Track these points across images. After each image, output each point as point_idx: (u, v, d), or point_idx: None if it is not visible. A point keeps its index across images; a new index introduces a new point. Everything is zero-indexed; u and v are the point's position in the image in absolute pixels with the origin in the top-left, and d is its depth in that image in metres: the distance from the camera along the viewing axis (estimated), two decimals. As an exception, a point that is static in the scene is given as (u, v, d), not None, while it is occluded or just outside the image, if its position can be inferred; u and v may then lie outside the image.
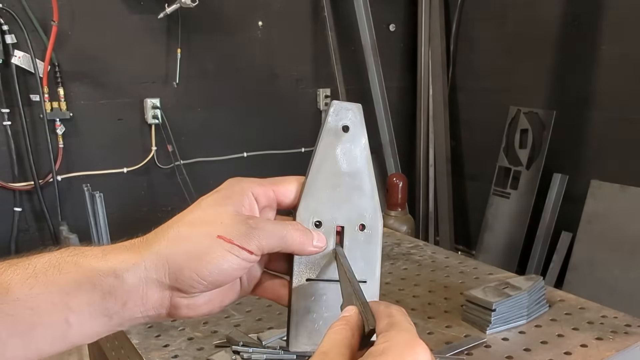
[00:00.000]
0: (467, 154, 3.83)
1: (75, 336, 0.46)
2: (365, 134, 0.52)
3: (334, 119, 0.52)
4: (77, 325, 0.45)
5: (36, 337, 0.44)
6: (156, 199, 3.06)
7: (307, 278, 0.51)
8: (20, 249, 2.71)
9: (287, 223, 0.50)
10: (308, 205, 0.52)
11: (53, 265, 0.46)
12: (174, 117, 3.00)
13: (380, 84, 3.51)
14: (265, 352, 1.01)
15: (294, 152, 3.46)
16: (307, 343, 0.51)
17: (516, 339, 1.10)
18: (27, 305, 0.44)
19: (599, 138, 3.02)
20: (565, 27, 3.10)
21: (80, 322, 0.45)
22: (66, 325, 0.45)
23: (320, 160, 0.52)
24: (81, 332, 0.46)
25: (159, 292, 0.47)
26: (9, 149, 2.62)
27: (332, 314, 0.51)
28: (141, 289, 0.46)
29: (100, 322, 0.46)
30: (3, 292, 0.44)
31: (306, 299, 0.51)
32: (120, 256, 0.47)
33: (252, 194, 0.50)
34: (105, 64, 2.81)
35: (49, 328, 0.45)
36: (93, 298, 0.45)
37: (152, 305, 0.47)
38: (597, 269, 2.85)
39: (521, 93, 3.37)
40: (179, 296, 0.48)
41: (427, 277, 1.45)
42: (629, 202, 2.79)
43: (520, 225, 3.29)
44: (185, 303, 0.48)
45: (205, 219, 0.48)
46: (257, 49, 3.24)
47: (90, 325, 0.46)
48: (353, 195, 0.52)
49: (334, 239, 0.52)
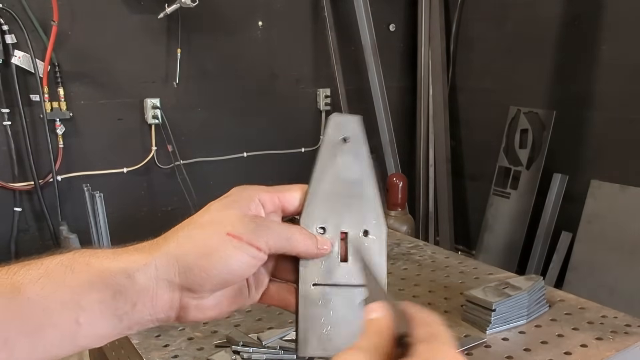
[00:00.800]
0: (467, 154, 3.83)
1: (84, 338, 0.46)
2: (365, 143, 0.53)
3: (333, 132, 0.53)
4: (86, 326, 0.45)
5: (45, 338, 0.44)
6: (156, 199, 3.06)
7: (314, 283, 0.52)
8: (20, 249, 2.71)
9: (292, 226, 0.52)
10: (311, 213, 0.52)
11: (65, 265, 0.47)
12: (174, 117, 3.00)
13: (380, 84, 3.51)
14: (265, 352, 1.01)
15: (294, 152, 3.46)
16: (317, 348, 0.51)
17: (516, 339, 1.10)
18: (39, 305, 0.44)
19: (599, 138, 3.01)
20: (565, 27, 3.10)
21: (90, 323, 0.45)
22: (76, 325, 0.45)
23: (321, 170, 0.53)
24: (90, 333, 0.46)
25: (169, 293, 0.47)
26: (9, 149, 2.62)
27: (340, 318, 0.51)
28: (151, 289, 0.47)
29: (110, 324, 0.46)
30: (15, 292, 0.44)
31: (313, 304, 0.51)
32: (131, 257, 0.48)
33: (259, 200, 0.51)
34: (105, 64, 2.81)
35: (59, 328, 0.45)
36: (104, 297, 0.46)
37: (161, 307, 0.47)
38: (597, 269, 2.85)
39: (521, 93, 3.37)
40: (189, 296, 0.48)
41: (427, 277, 1.45)
42: (629, 202, 2.79)
43: (520, 225, 3.29)
44: (194, 304, 0.48)
45: (215, 220, 0.49)
46: (257, 49, 3.24)
47: (100, 325, 0.46)
48: (355, 202, 0.53)
49: (338, 244, 0.52)
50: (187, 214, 0.51)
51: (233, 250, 0.47)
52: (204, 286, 0.47)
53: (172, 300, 0.48)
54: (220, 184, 3.19)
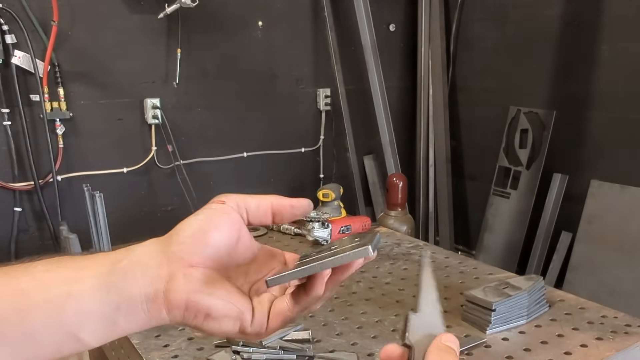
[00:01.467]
0: (467, 154, 3.83)
1: (71, 313, 0.45)
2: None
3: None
4: (74, 298, 0.45)
5: (32, 319, 0.44)
6: (156, 199, 3.06)
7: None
8: (20, 249, 2.71)
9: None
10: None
11: (68, 257, 0.49)
12: (174, 117, 3.00)
13: (380, 84, 3.51)
14: (265, 352, 1.01)
15: (294, 152, 3.46)
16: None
17: (516, 339, 1.10)
18: (35, 281, 0.45)
19: (599, 138, 3.01)
20: (565, 27, 3.10)
21: (78, 295, 0.45)
22: (66, 297, 0.45)
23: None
24: (77, 307, 0.45)
25: (159, 256, 0.48)
26: (9, 149, 2.62)
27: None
28: (144, 257, 0.48)
29: (98, 296, 0.45)
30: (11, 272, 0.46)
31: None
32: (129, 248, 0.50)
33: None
34: (105, 64, 2.81)
35: (49, 303, 0.44)
36: (100, 271, 0.46)
37: (150, 275, 0.47)
38: (597, 269, 2.85)
39: (521, 93, 3.37)
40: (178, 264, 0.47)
41: (427, 277, 1.45)
42: (629, 202, 2.79)
43: (520, 225, 3.29)
44: (183, 272, 0.47)
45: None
46: (257, 49, 3.24)
47: (88, 298, 0.45)
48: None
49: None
50: (187, 214, 0.51)
51: (217, 209, 0.50)
52: (185, 244, 0.48)
53: (161, 264, 0.47)
54: (220, 184, 3.21)
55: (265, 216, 0.53)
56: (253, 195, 0.53)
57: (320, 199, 1.90)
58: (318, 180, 3.57)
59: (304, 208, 0.55)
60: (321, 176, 3.59)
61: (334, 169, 3.61)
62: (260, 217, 0.53)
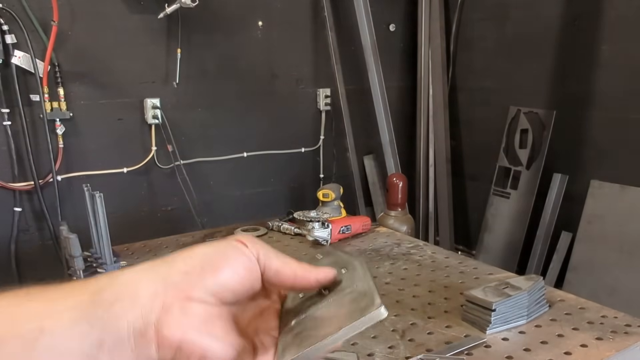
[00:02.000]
0: (467, 154, 3.83)
1: (44, 352, 0.38)
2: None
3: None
4: (49, 334, 0.38)
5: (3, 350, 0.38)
6: (156, 199, 3.06)
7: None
8: (20, 249, 2.71)
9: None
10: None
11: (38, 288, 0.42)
12: (174, 117, 3.00)
13: (380, 84, 3.51)
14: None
15: (294, 152, 3.46)
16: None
17: (516, 339, 1.10)
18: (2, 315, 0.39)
19: (599, 138, 3.01)
20: (565, 27, 3.10)
21: (54, 330, 0.38)
22: (38, 332, 0.38)
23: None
24: (51, 344, 0.38)
25: (153, 284, 0.41)
26: (9, 149, 2.62)
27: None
28: (134, 281, 0.41)
29: (77, 331, 0.39)
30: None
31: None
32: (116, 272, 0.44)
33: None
34: (105, 64, 2.81)
35: (18, 338, 0.38)
36: (81, 300, 0.40)
37: (141, 304, 0.40)
38: (597, 269, 2.85)
39: (521, 93, 3.37)
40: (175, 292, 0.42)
41: (427, 277, 1.45)
42: (629, 202, 2.79)
43: (520, 225, 3.29)
44: (179, 306, 0.41)
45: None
46: (257, 49, 3.24)
47: (66, 334, 0.38)
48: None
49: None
50: (187, 213, 0.50)
51: (234, 246, 0.45)
52: (191, 274, 0.42)
53: (155, 292, 0.41)
54: (220, 184, 3.21)
55: (281, 283, 0.46)
56: (277, 252, 0.46)
57: (320, 199, 1.90)
58: (318, 180, 3.57)
59: (328, 281, 0.48)
60: (321, 176, 3.59)
61: (334, 169, 3.61)
62: (274, 282, 0.46)
